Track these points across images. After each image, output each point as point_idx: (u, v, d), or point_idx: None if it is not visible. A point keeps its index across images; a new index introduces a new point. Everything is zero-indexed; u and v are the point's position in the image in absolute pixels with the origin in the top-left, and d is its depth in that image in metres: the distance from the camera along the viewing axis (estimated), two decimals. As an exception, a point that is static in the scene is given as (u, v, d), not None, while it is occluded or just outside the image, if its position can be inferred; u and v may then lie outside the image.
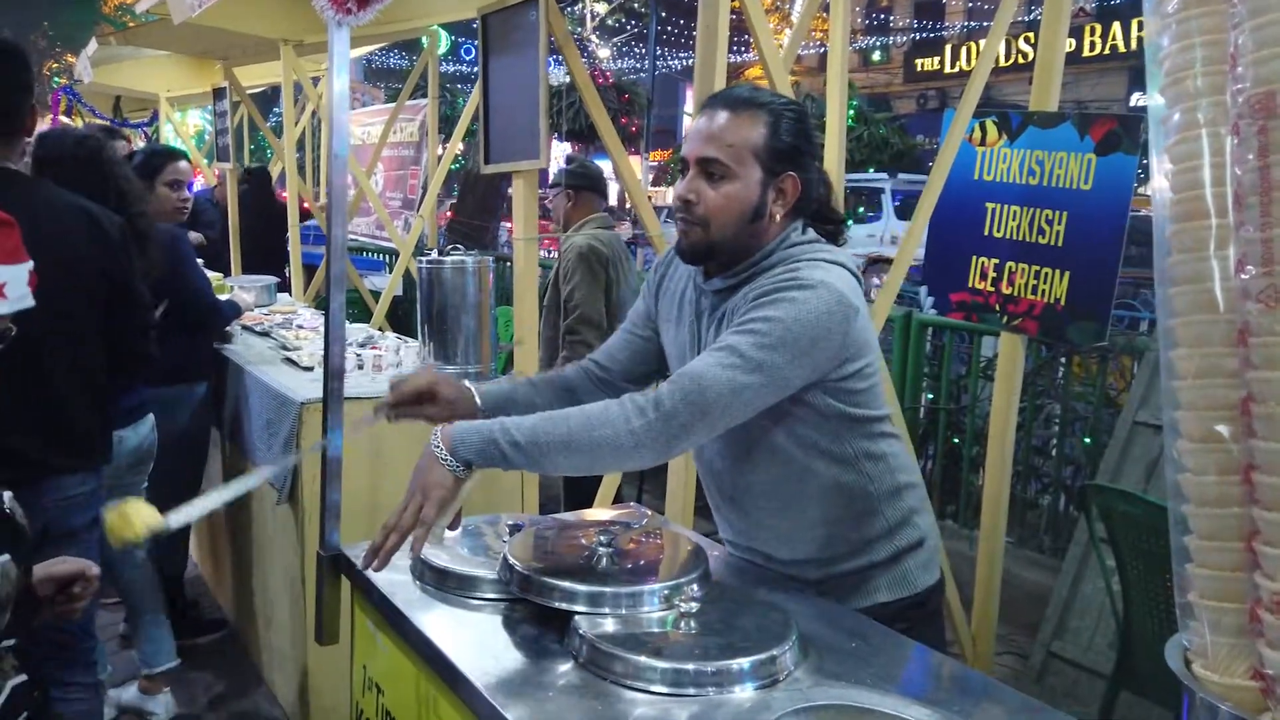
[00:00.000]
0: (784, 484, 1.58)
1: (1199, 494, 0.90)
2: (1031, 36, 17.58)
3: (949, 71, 22.92)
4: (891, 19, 24.47)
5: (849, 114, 3.07)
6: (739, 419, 1.42)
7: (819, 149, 1.67)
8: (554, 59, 2.73)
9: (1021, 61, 17.41)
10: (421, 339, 2.95)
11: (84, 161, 2.45)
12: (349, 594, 1.74)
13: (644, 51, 22.57)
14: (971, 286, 2.78)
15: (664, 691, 1.21)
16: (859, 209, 13.95)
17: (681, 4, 20.73)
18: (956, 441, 4.19)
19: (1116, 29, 19.37)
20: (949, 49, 23.20)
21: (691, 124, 1.56)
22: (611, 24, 23.39)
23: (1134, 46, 19.01)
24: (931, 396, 4.30)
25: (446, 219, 10.02)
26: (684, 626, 1.32)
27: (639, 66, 22.74)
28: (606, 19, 22.97)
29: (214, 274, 3.95)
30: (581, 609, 1.36)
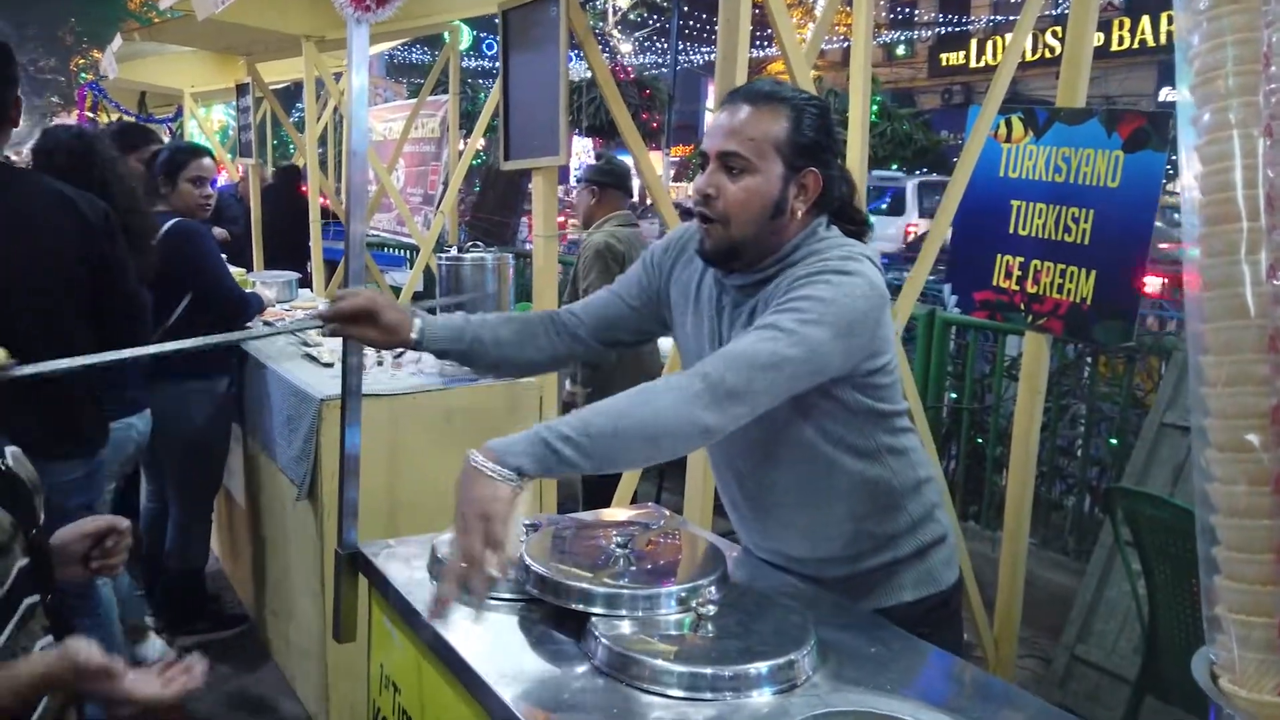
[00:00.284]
0: (810, 480, 1.57)
1: (1228, 504, 0.89)
2: (1058, 31, 17.41)
3: (974, 66, 22.71)
4: (916, 13, 24.26)
5: (872, 110, 3.04)
6: (778, 398, 1.39)
7: (841, 146, 1.65)
8: (575, 54, 2.72)
9: (1048, 56, 17.20)
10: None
11: (77, 155, 2.52)
12: (367, 592, 1.74)
13: (665, 46, 22.51)
14: (996, 285, 2.74)
15: (681, 695, 1.20)
16: (881, 206, 13.88)
17: (703, -2, 20.64)
18: (980, 441, 4.15)
19: (1145, 23, 19.12)
20: (974, 43, 22.99)
21: (712, 119, 1.54)
22: (633, 18, 23.36)
23: (1163, 41, 18.77)
24: (955, 395, 4.26)
25: (466, 217, 10.03)
26: (701, 629, 1.31)
27: (660, 61, 22.67)
28: (628, 13, 22.95)
29: (236, 269, 3.97)
30: (598, 611, 1.35)
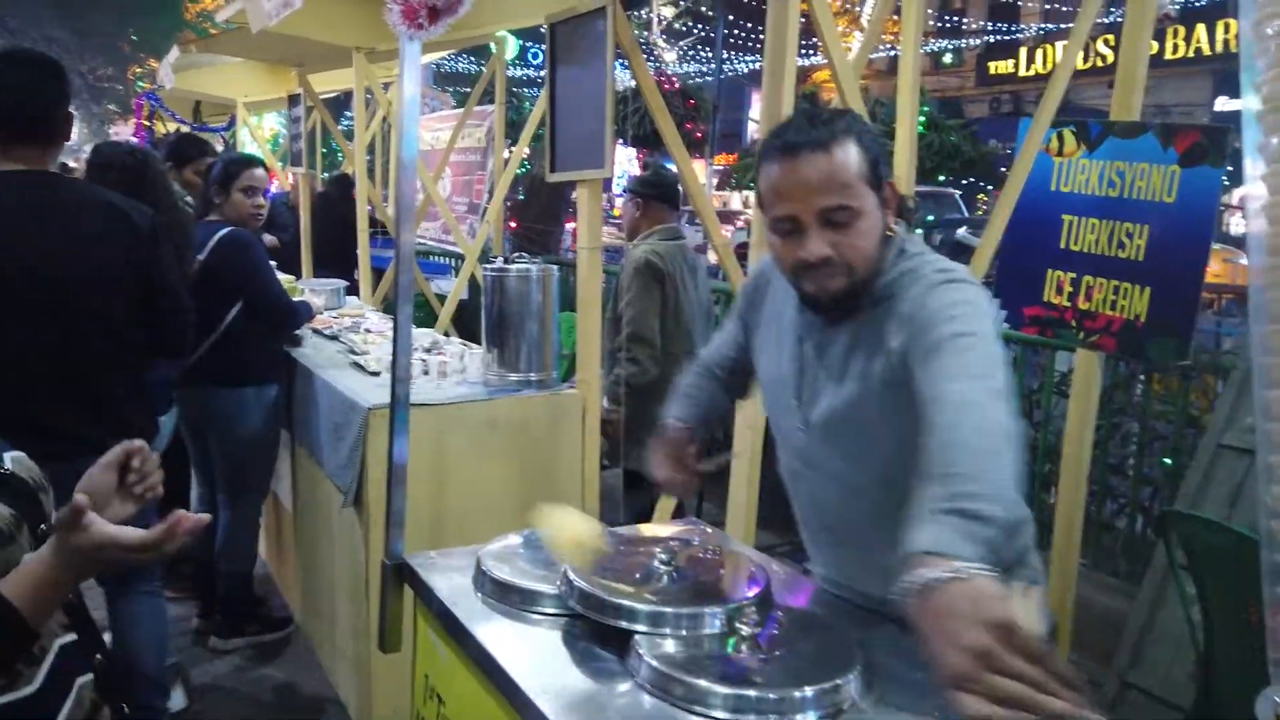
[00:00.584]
0: (898, 516, 1.49)
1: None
2: (1111, 39, 17.10)
3: (1023, 75, 22.43)
4: (964, 21, 24.00)
5: (919, 121, 3.00)
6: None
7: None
8: (619, 63, 2.72)
9: (1100, 65, 16.92)
10: (485, 345, 2.98)
11: (130, 171, 2.75)
12: (412, 603, 1.75)
13: (710, 55, 22.50)
14: (1046, 301, 2.70)
15: (724, 717, 1.19)
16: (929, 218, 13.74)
17: (748, 6, 20.57)
18: (1028, 459, 4.07)
19: (1201, 31, 18.75)
20: (1023, 52, 22.69)
21: (775, 178, 1.42)
22: (678, 27, 23.40)
23: (1219, 49, 18.38)
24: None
25: (511, 225, 10.09)
26: (746, 650, 1.30)
27: (704, 70, 22.66)
28: (673, 23, 22.99)
29: (285, 276, 4.03)
30: (642, 628, 1.34)
